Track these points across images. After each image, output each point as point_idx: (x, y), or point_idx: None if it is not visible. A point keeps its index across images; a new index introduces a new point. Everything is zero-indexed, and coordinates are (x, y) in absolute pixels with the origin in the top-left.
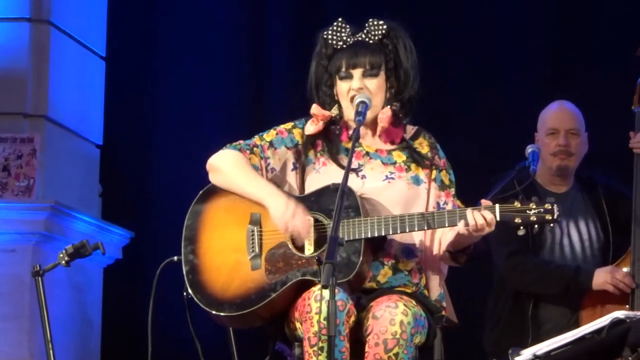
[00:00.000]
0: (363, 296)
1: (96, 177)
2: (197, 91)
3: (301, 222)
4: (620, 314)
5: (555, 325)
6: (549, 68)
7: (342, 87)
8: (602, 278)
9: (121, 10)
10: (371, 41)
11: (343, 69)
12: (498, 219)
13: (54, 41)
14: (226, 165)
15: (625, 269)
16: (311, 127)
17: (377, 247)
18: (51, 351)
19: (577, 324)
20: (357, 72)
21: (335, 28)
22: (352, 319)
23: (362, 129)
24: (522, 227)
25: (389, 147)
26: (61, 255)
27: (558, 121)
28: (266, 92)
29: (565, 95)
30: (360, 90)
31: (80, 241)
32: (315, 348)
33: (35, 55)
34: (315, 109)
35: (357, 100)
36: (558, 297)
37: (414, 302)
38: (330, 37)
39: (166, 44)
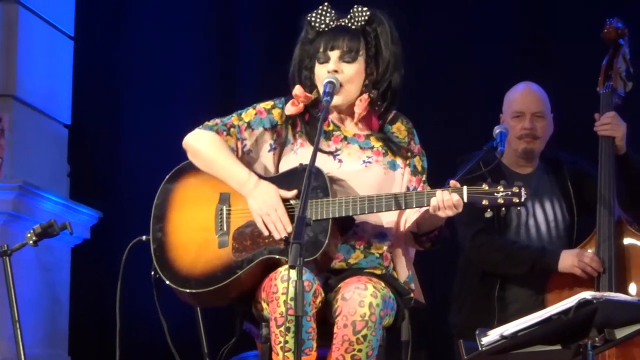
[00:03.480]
0: (332, 277)
1: (64, 157)
2: (166, 71)
3: (280, 214)
4: (587, 294)
5: (521, 306)
6: (517, 49)
7: (320, 72)
8: (569, 261)
9: None
10: (354, 27)
11: (321, 51)
12: (465, 200)
13: (22, 21)
14: (203, 149)
15: (590, 250)
16: (291, 108)
17: (346, 228)
18: (19, 331)
19: (543, 305)
20: (334, 54)
21: (319, 12)
22: (319, 299)
23: (340, 115)
24: (489, 210)
25: (366, 132)
26: (29, 235)
27: (524, 104)
28: (236, 70)
29: (532, 76)
30: (335, 72)
31: (48, 221)
32: (282, 328)
33: (4, 34)
34: (298, 89)
35: (325, 80)
36: (524, 278)
37: (383, 284)
38: (313, 19)
39: (135, 23)
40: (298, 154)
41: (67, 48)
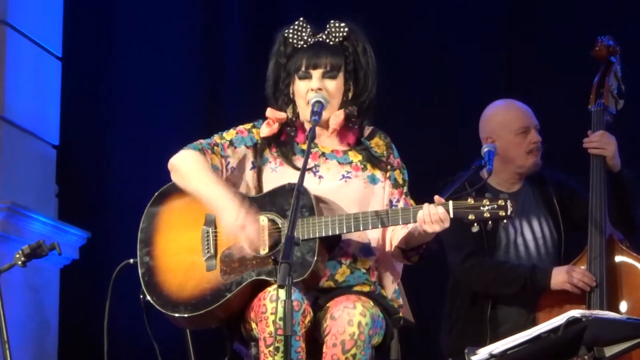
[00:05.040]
0: (321, 296)
1: (53, 177)
2: (153, 91)
3: (250, 233)
4: (576, 312)
5: (513, 325)
6: (505, 64)
7: (301, 87)
8: (560, 277)
9: (77, 10)
10: (332, 42)
11: (303, 69)
12: (452, 215)
13: (9, 41)
14: (185, 167)
15: (581, 267)
16: (266, 129)
17: (332, 246)
18: (8, 352)
19: (534, 324)
20: (316, 73)
21: (296, 27)
22: (308, 318)
23: (318, 130)
24: (475, 224)
25: (344, 147)
26: (17, 255)
27: (527, 119)
28: (222, 91)
29: (521, 93)
30: (319, 90)
31: (36, 241)
32: (271, 348)
33: None
34: (269, 112)
35: (313, 100)
36: (515, 297)
37: (371, 303)
38: (290, 35)
39: (122, 44)
40: (278, 172)
41: (55, 68)
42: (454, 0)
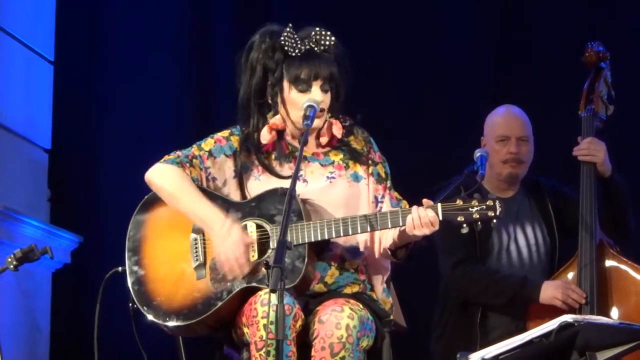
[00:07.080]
0: (311, 300)
1: (44, 181)
2: (144, 96)
3: (239, 253)
4: (568, 317)
5: (503, 332)
6: (495, 72)
7: (297, 97)
8: (550, 293)
9: (69, 14)
10: (319, 51)
11: (303, 79)
12: (441, 218)
13: (1, 45)
14: (167, 186)
15: (571, 273)
16: (268, 136)
17: (321, 249)
18: (0, 357)
19: (525, 331)
20: (317, 83)
21: (287, 35)
22: (299, 323)
23: (298, 137)
24: (465, 225)
25: (324, 150)
26: (9, 259)
27: (509, 128)
28: (213, 96)
29: (512, 99)
30: (322, 102)
31: (28, 246)
32: (262, 352)
33: None
34: (277, 119)
35: (305, 104)
36: (506, 305)
37: (360, 306)
38: (287, 45)
39: (114, 48)
40: (261, 181)
41: (47, 72)
42: (444, 6)
